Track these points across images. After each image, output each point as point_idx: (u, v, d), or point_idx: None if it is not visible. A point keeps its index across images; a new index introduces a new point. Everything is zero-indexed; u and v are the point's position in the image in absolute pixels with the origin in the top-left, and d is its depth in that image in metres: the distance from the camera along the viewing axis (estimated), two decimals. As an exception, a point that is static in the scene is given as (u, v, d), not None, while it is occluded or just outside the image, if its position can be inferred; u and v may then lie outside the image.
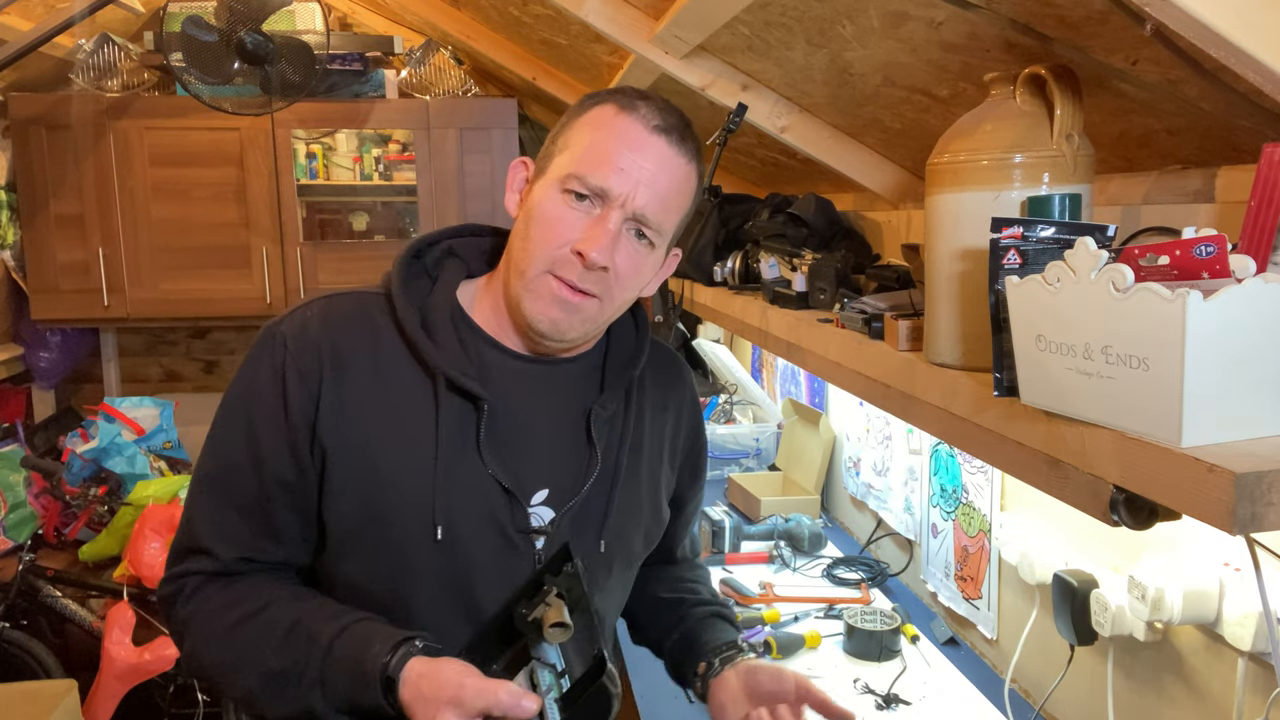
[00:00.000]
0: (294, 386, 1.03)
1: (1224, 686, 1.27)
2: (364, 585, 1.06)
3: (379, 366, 1.05)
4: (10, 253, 3.39)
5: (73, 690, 2.21)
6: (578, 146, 1.05)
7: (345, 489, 1.03)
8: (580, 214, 1.03)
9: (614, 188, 1.02)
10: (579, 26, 2.14)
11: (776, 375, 3.32)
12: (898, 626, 1.89)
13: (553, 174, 1.06)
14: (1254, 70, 0.78)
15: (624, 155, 1.03)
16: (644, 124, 1.04)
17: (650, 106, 1.06)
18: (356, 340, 1.06)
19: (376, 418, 1.04)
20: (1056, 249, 0.89)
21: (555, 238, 1.03)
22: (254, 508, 1.05)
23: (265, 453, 1.04)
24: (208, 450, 1.08)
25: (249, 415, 1.05)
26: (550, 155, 1.08)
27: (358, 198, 3.72)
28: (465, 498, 1.04)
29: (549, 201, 1.04)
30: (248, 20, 2.79)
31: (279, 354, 1.04)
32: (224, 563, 1.06)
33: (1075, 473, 0.86)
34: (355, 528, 1.04)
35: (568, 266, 1.03)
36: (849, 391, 1.44)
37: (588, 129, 1.05)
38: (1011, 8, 1.06)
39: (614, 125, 1.04)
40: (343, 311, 1.08)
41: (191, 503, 1.08)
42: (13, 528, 3.11)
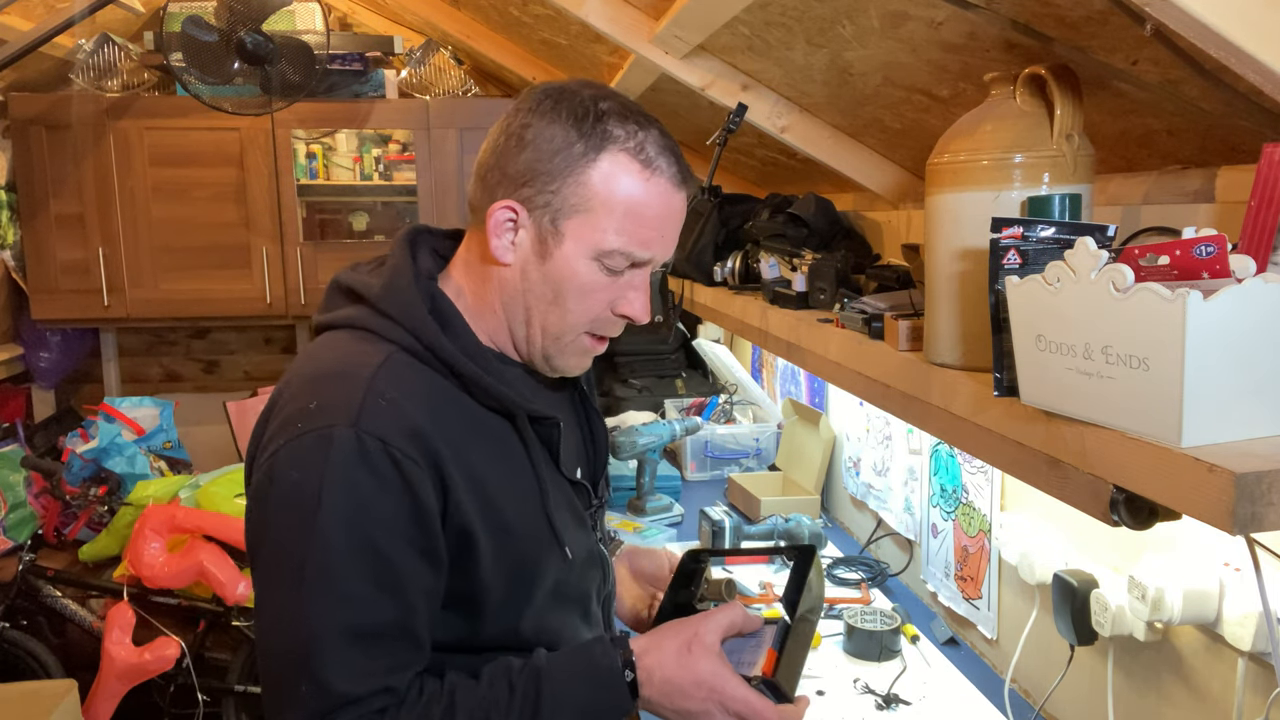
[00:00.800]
0: (419, 483, 0.92)
1: (1224, 686, 1.27)
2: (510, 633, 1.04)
3: (465, 425, 0.99)
4: (10, 253, 3.39)
5: (73, 690, 2.21)
6: (606, 212, 0.98)
7: (495, 559, 1.00)
8: (615, 278, 1.02)
9: (657, 255, 1.03)
10: (579, 26, 2.14)
11: (776, 375, 3.32)
12: (898, 626, 1.89)
13: (581, 240, 0.99)
14: (1254, 70, 0.78)
15: (663, 224, 1.02)
16: (672, 184, 1.01)
17: (667, 156, 1.00)
18: (440, 410, 0.98)
19: (492, 478, 1.00)
20: (1056, 249, 0.89)
21: (595, 306, 1.03)
22: (400, 633, 0.95)
23: (403, 572, 0.93)
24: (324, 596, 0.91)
25: (372, 540, 0.91)
26: (560, 210, 0.99)
27: (358, 198, 3.72)
28: (562, 509, 1.08)
29: (585, 272, 1.00)
30: (248, 20, 2.79)
31: (381, 458, 0.91)
32: (397, 694, 0.94)
33: (1075, 473, 0.86)
34: (507, 588, 1.02)
35: (608, 325, 1.06)
36: (849, 391, 1.44)
37: (613, 192, 0.98)
38: (1011, 8, 1.06)
39: (648, 192, 0.99)
40: (410, 386, 0.97)
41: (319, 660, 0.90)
42: (13, 528, 3.11)
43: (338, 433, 0.91)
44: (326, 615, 0.91)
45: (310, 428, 0.92)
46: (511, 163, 0.99)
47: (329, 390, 0.95)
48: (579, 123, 0.98)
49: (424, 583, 0.96)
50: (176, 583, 2.74)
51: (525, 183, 0.99)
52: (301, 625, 0.91)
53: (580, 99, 0.99)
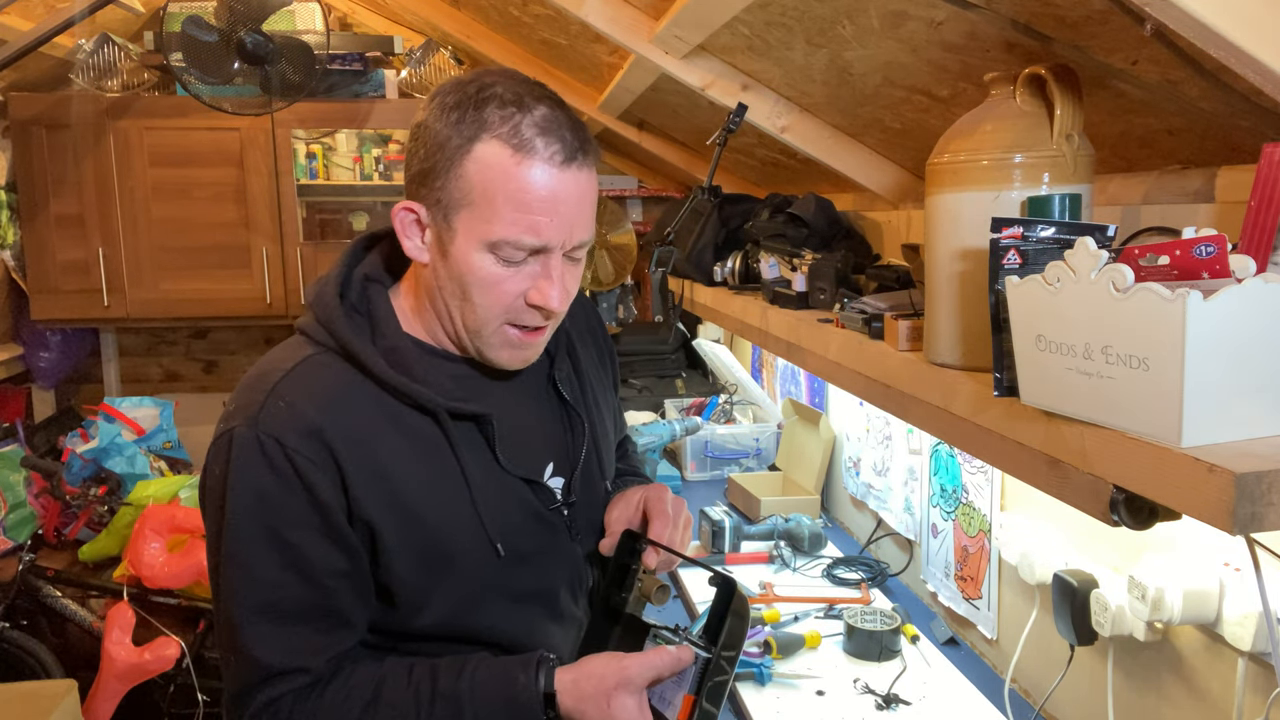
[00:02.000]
0: (315, 480, 0.97)
1: (1224, 686, 1.27)
2: (445, 626, 1.06)
3: (376, 423, 1.02)
4: (10, 253, 3.39)
5: (73, 690, 2.21)
6: (486, 202, 0.97)
7: (402, 552, 1.02)
8: (517, 268, 1.01)
9: (551, 240, 0.99)
10: (579, 26, 2.14)
11: (776, 375, 3.32)
12: (898, 626, 1.89)
13: (470, 234, 0.99)
14: (1254, 70, 0.78)
15: (546, 205, 0.98)
16: (551, 163, 0.97)
17: (544, 136, 0.97)
18: (345, 409, 1.01)
19: (401, 473, 1.02)
20: (1056, 249, 0.89)
21: (504, 297, 1.02)
22: (317, 610, 1.00)
23: (309, 555, 0.99)
24: (236, 577, 0.99)
25: (272, 528, 0.98)
26: (447, 205, 0.99)
27: (358, 198, 3.72)
28: (503, 506, 1.08)
29: (480, 265, 1.00)
30: (248, 20, 2.79)
31: (278, 456, 0.97)
32: (313, 672, 1.01)
33: (1075, 473, 0.86)
34: (422, 581, 1.04)
35: (526, 315, 1.04)
36: (849, 391, 1.44)
37: (489, 180, 0.97)
38: (1011, 8, 1.06)
39: (520, 176, 0.97)
40: (313, 386, 1.01)
41: (240, 635, 0.99)
42: (13, 528, 3.11)
43: (238, 433, 0.99)
44: (244, 596, 0.99)
45: (224, 429, 1.01)
46: (411, 163, 1.03)
47: (243, 394, 1.03)
48: (460, 113, 0.98)
49: (337, 566, 1.00)
50: (176, 583, 2.75)
51: (421, 182, 1.01)
52: (227, 605, 1.00)
53: (466, 89, 0.99)
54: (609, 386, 1.32)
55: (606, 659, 1.02)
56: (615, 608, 1.13)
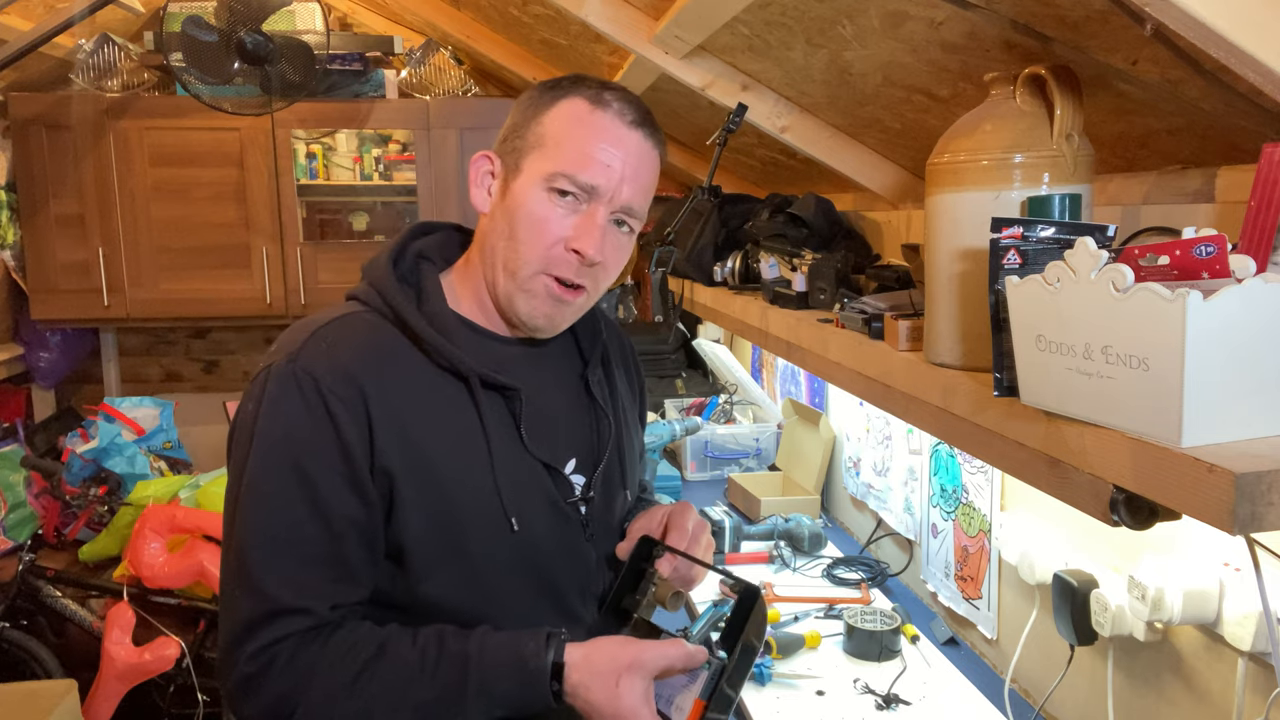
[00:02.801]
0: (344, 420, 0.99)
1: (1224, 686, 1.27)
2: (451, 595, 1.06)
3: (410, 381, 1.04)
4: (10, 253, 3.39)
5: (73, 690, 2.21)
6: (555, 143, 1.05)
7: (417, 509, 1.02)
8: (567, 211, 1.05)
9: (601, 184, 1.05)
10: (579, 26, 2.14)
11: (776, 375, 3.32)
12: (898, 626, 1.89)
13: (533, 172, 1.06)
14: (1254, 70, 0.78)
15: (607, 151, 1.05)
16: (620, 119, 1.06)
17: (622, 101, 1.08)
18: (382, 361, 1.04)
19: (427, 431, 1.03)
20: (1056, 249, 0.89)
21: (547, 237, 1.05)
22: (328, 555, 1.00)
23: (328, 496, 0.99)
24: (254, 508, 1.00)
25: (297, 462, 0.99)
26: (521, 151, 1.08)
27: (358, 198, 3.72)
28: (522, 484, 1.09)
29: (534, 201, 1.05)
30: (248, 20, 2.79)
31: (311, 392, 0.99)
32: (318, 616, 1.00)
33: (1075, 473, 0.86)
34: (434, 544, 1.04)
35: (563, 264, 1.06)
36: (849, 391, 1.44)
37: (563, 125, 1.06)
38: (1011, 8, 1.06)
39: (592, 122, 1.06)
40: (356, 336, 1.05)
41: (250, 566, 0.99)
42: (13, 528, 3.11)
43: (276, 367, 1.02)
44: (260, 525, 1.00)
45: (263, 365, 1.04)
46: (504, 130, 1.11)
47: (286, 337, 1.07)
48: (552, 84, 1.09)
49: (352, 512, 1.00)
50: (176, 583, 2.75)
51: (503, 139, 1.10)
52: (240, 536, 1.00)
53: (564, 78, 1.09)
54: (635, 416, 1.32)
55: (621, 640, 1.03)
56: (626, 609, 1.13)
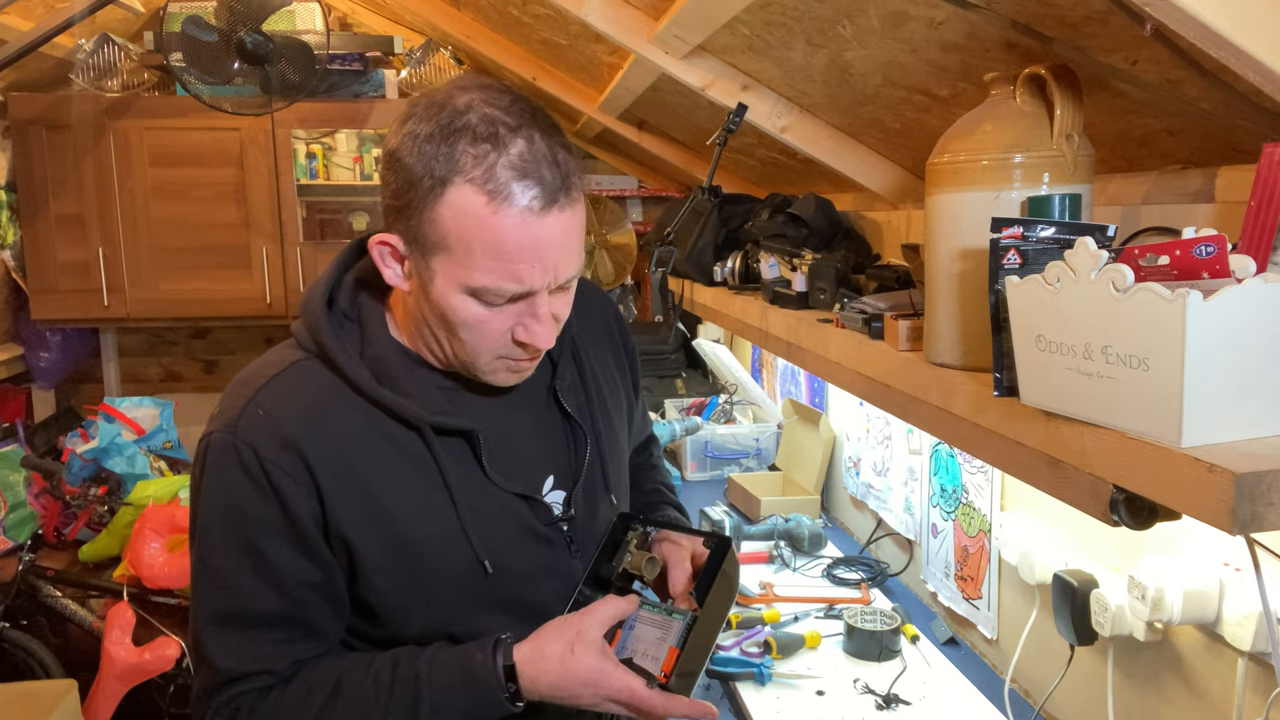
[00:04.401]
0: (289, 492, 0.96)
1: (1224, 686, 1.27)
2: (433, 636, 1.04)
3: (359, 435, 0.99)
4: (10, 253, 3.39)
5: (73, 690, 2.21)
6: (464, 252, 0.92)
7: (381, 567, 1.00)
8: (501, 305, 0.96)
9: (536, 284, 0.95)
10: (579, 26, 2.14)
11: (776, 375, 3.32)
12: (898, 626, 1.89)
13: (450, 279, 0.94)
14: (1254, 70, 0.78)
15: (529, 253, 0.92)
16: (530, 211, 0.91)
17: (522, 180, 0.90)
18: (324, 419, 0.99)
19: (384, 487, 1.00)
20: (1056, 249, 0.89)
21: (490, 336, 0.98)
22: (285, 619, 1.00)
23: (279, 565, 0.98)
24: (208, 585, 1.00)
25: (245, 536, 0.97)
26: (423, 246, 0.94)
27: (358, 198, 3.72)
28: (493, 522, 1.05)
29: (463, 308, 0.95)
30: (248, 20, 2.79)
31: (253, 465, 0.96)
32: (278, 674, 1.01)
33: (1075, 473, 0.86)
34: (406, 598, 1.03)
35: (515, 351, 1.00)
36: (849, 391, 1.44)
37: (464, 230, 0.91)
38: (1011, 8, 1.06)
39: (498, 228, 0.90)
40: (294, 395, 1.00)
41: (205, 641, 1.00)
42: (13, 528, 3.11)
43: (214, 438, 0.99)
44: (210, 601, 1.00)
45: (207, 431, 1.01)
46: (384, 193, 0.97)
47: (227, 399, 1.03)
48: (433, 147, 0.91)
49: (306, 577, 0.99)
50: (176, 583, 2.74)
51: (396, 214, 0.96)
52: (195, 607, 1.02)
53: (439, 116, 0.92)
54: (624, 388, 1.27)
55: (557, 623, 1.03)
56: (604, 578, 1.15)
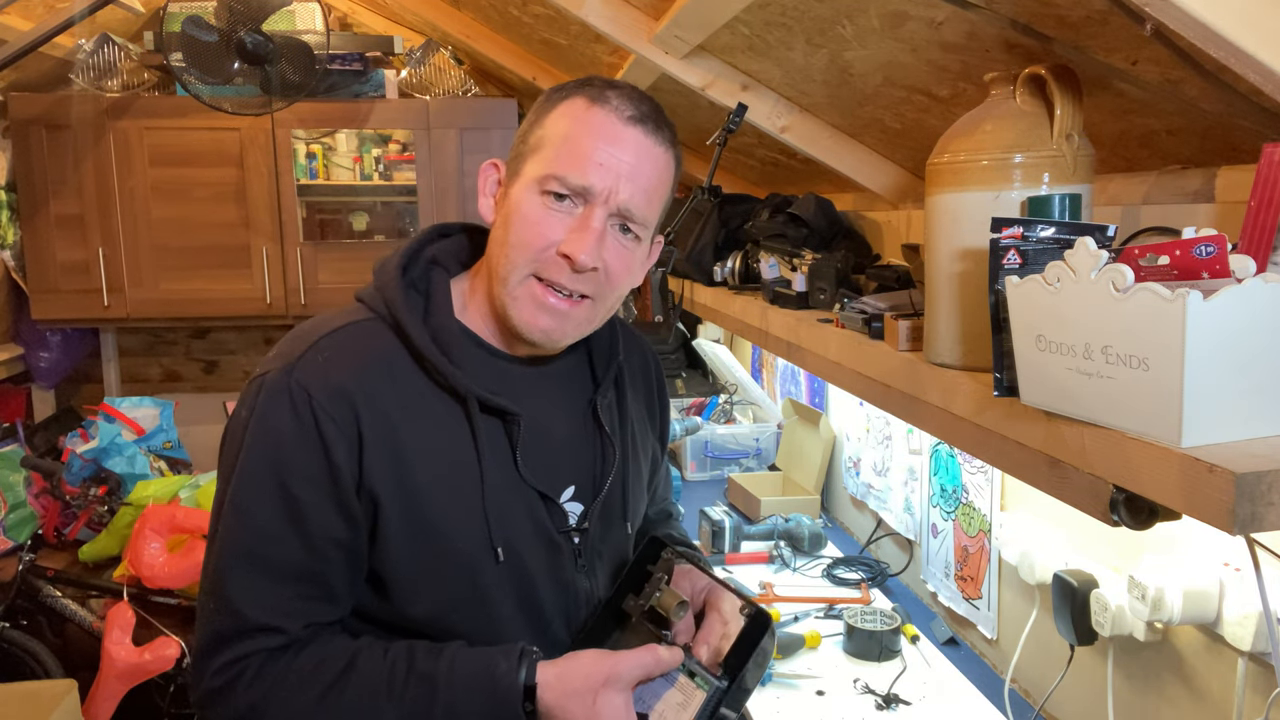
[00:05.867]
0: (334, 440, 0.96)
1: (1224, 686, 1.27)
2: (436, 621, 1.03)
3: (406, 399, 1.01)
4: (10, 253, 3.39)
5: (73, 690, 2.20)
6: (551, 144, 1.02)
7: (401, 533, 1.00)
8: (562, 214, 1.01)
9: (595, 184, 1.00)
10: (579, 26, 2.14)
11: (776, 375, 3.32)
12: (898, 626, 1.89)
13: (528, 175, 1.03)
14: (1254, 70, 0.78)
15: (601, 150, 1.00)
16: (618, 115, 1.01)
17: (621, 96, 1.03)
18: (379, 377, 1.00)
19: (418, 453, 1.00)
20: (1056, 249, 0.89)
21: (537, 240, 1.01)
22: (306, 573, 0.98)
23: (310, 514, 0.97)
24: (234, 521, 0.98)
25: (280, 478, 0.96)
26: (522, 155, 1.05)
27: (358, 198, 3.72)
28: (512, 512, 1.05)
29: (527, 204, 1.01)
30: (248, 20, 2.79)
31: (304, 407, 0.96)
32: (290, 634, 0.98)
33: (1075, 473, 0.86)
34: (417, 569, 1.01)
35: (553, 268, 1.01)
36: (849, 391, 1.44)
37: (559, 124, 1.02)
38: (1011, 8, 1.06)
39: (587, 119, 1.01)
40: (355, 349, 1.01)
41: (225, 581, 0.97)
42: (13, 528, 3.11)
43: (270, 378, 0.99)
44: (238, 540, 0.98)
45: (260, 372, 1.01)
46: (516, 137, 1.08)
47: (286, 344, 1.03)
48: (561, 87, 1.06)
49: (335, 532, 0.98)
50: (176, 583, 2.74)
51: (513, 146, 1.08)
52: (220, 548, 0.99)
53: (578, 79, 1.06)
54: (652, 438, 1.27)
55: (594, 655, 0.99)
56: (626, 612, 1.09)
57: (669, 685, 1.02)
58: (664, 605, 1.05)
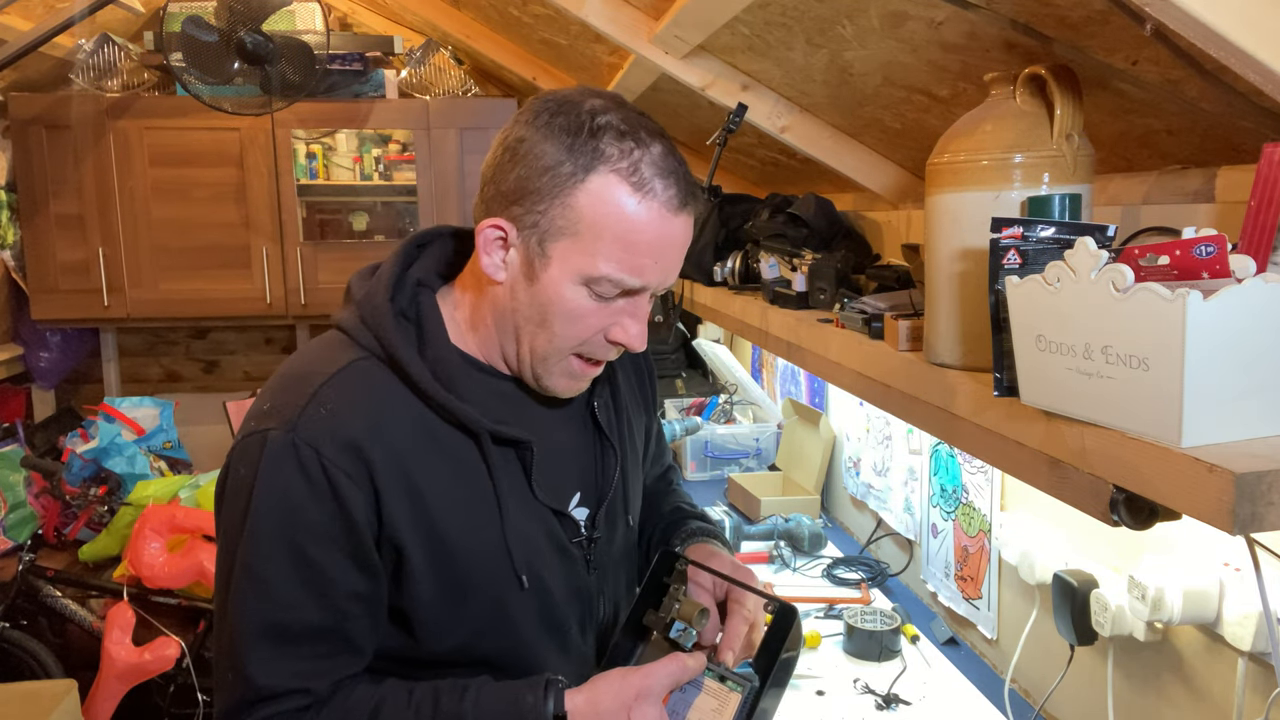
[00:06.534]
0: (349, 495, 0.93)
1: (1224, 686, 1.27)
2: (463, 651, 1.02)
3: (416, 439, 0.98)
4: (10, 253, 3.39)
5: (73, 690, 2.20)
6: (593, 237, 0.94)
7: (427, 575, 0.98)
8: (606, 303, 0.98)
9: (652, 283, 0.98)
10: (579, 26, 2.14)
11: (776, 375, 3.32)
12: (898, 626, 1.89)
13: (568, 265, 0.95)
14: (1254, 70, 0.78)
15: (656, 250, 0.96)
16: (668, 208, 0.95)
17: (664, 178, 0.94)
18: (386, 422, 0.96)
19: (435, 494, 0.98)
20: (1056, 249, 0.89)
21: (585, 331, 0.99)
22: (329, 634, 0.96)
23: (331, 576, 0.94)
24: (249, 590, 0.94)
25: (295, 541, 0.93)
26: (547, 232, 0.95)
27: (358, 198, 3.72)
28: (531, 537, 1.04)
29: (573, 299, 0.97)
30: (248, 20, 2.79)
31: (314, 466, 0.92)
32: (316, 694, 0.95)
33: (1075, 473, 0.86)
34: (441, 608, 1.00)
35: (598, 349, 1.01)
36: (849, 391, 1.44)
37: (601, 215, 0.93)
38: (1011, 8, 1.06)
39: (637, 217, 0.94)
40: (356, 396, 0.97)
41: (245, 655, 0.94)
42: (13, 528, 3.11)
43: (273, 435, 0.94)
44: (251, 611, 0.94)
45: (258, 428, 0.95)
46: (504, 179, 0.97)
47: (283, 393, 0.97)
48: (572, 139, 0.93)
49: (355, 587, 0.96)
50: (176, 583, 2.75)
51: (515, 201, 0.96)
52: (232, 618, 0.95)
53: (578, 112, 0.94)
54: (644, 406, 1.27)
55: (619, 673, 0.98)
56: (648, 627, 1.07)
57: (699, 692, 1.01)
58: (685, 616, 1.04)
